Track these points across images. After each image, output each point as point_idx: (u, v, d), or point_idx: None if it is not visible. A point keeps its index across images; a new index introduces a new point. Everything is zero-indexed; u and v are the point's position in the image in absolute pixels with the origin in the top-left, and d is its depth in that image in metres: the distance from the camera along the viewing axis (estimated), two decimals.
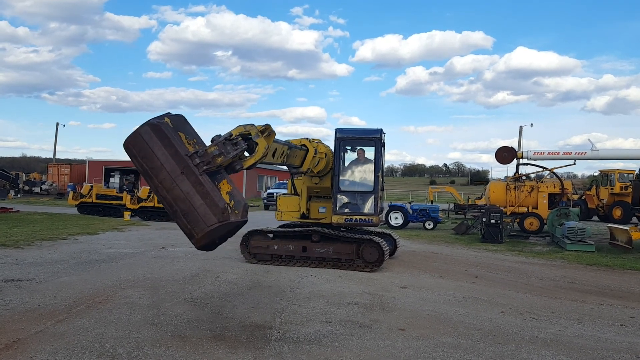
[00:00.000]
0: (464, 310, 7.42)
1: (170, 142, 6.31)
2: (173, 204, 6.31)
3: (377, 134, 10.75)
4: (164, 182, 6.31)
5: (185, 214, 6.25)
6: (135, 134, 6.38)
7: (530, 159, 22.67)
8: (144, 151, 6.36)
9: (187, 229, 6.28)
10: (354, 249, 10.57)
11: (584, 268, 12.18)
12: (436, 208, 22.82)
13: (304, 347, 5.60)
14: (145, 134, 6.33)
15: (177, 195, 6.27)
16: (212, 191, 6.24)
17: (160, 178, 6.33)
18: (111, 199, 23.90)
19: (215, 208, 6.12)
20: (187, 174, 6.27)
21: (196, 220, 6.20)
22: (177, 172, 6.30)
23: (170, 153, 6.29)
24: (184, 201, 6.22)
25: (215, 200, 6.16)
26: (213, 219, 6.10)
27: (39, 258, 10.78)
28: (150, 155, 6.34)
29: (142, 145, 6.36)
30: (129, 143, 6.43)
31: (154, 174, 6.35)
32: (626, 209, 25.94)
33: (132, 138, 6.40)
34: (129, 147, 6.45)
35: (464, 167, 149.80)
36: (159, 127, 6.33)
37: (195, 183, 6.25)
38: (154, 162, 6.32)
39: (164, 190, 6.30)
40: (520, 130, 47.63)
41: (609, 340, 6.27)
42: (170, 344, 5.53)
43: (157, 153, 6.30)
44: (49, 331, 5.83)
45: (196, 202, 6.22)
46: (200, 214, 6.16)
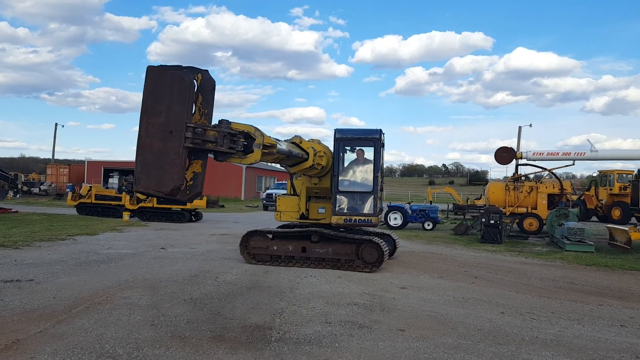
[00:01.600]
0: (463, 311, 7.42)
1: (184, 101, 6.48)
2: (144, 148, 6.51)
3: (376, 134, 10.75)
4: (152, 127, 6.53)
5: (146, 164, 6.49)
6: (166, 72, 6.46)
7: (529, 160, 22.70)
8: (160, 90, 6.52)
9: (138, 174, 6.53)
10: (353, 249, 10.56)
11: (584, 268, 12.19)
12: (435, 208, 22.81)
13: (303, 347, 5.59)
14: (173, 78, 6.48)
15: (152, 145, 6.47)
16: (180, 167, 6.47)
17: (152, 120, 6.50)
18: (110, 199, 23.87)
19: (170, 182, 6.42)
20: (174, 136, 6.46)
21: (149, 176, 6.50)
22: (168, 129, 6.45)
23: (176, 110, 6.45)
24: (153, 154, 6.45)
25: (175, 176, 6.43)
26: (163, 188, 6.44)
27: (38, 259, 10.76)
28: (161, 97, 6.49)
29: (162, 84, 6.50)
30: (154, 73, 6.49)
31: (150, 113, 6.51)
32: (625, 210, 25.97)
33: (160, 73, 6.48)
34: (152, 76, 6.50)
35: (463, 167, 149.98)
36: (186, 82, 6.48)
37: (172, 149, 6.44)
38: (158, 104, 6.50)
39: (146, 132, 6.47)
40: (519, 130, 47.69)
41: (609, 340, 6.27)
42: (170, 345, 5.52)
43: (167, 100, 6.46)
44: (48, 332, 5.82)
45: (161, 164, 6.45)
46: (156, 176, 6.46)
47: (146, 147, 6.53)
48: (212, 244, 14.48)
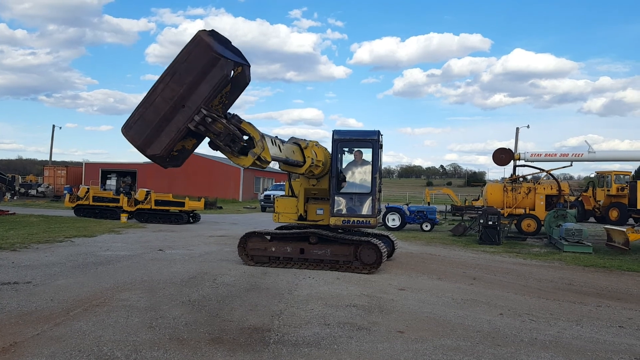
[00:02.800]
0: (462, 313, 7.41)
1: (212, 88, 6.62)
2: (151, 104, 6.61)
3: (374, 135, 10.75)
4: (169, 90, 6.65)
5: (144, 120, 6.64)
6: (210, 52, 6.44)
7: (527, 161, 22.75)
8: (197, 63, 6.56)
9: (132, 122, 6.70)
10: (351, 250, 10.55)
11: (582, 269, 12.20)
12: (433, 209, 22.82)
13: (302, 349, 5.58)
14: (214, 62, 6.49)
15: (160, 107, 6.58)
16: (173, 140, 6.65)
17: (173, 86, 6.57)
18: (108, 201, 23.81)
19: (157, 149, 6.64)
20: (184, 112, 6.57)
21: (141, 132, 6.68)
22: (182, 102, 6.51)
23: (200, 90, 6.59)
24: (156, 115, 6.58)
25: (165, 146, 6.64)
26: (148, 150, 6.71)
27: (35, 261, 10.73)
28: (193, 70, 6.52)
29: (201, 59, 6.51)
30: (201, 45, 6.46)
31: (175, 78, 6.56)
32: (623, 211, 25.99)
33: (205, 49, 6.46)
34: (198, 46, 6.48)
35: (461, 168, 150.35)
36: (223, 73, 6.57)
37: (176, 122, 6.57)
38: (187, 75, 6.57)
39: (162, 92, 6.55)
40: (517, 132, 47.68)
41: (608, 341, 6.27)
42: (168, 347, 5.50)
43: (197, 77, 6.49)
44: (46, 334, 5.80)
45: (159, 128, 6.59)
46: (148, 135, 6.65)
47: (153, 105, 6.62)
48: (210, 245, 14.46)
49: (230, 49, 6.99)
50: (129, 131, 6.73)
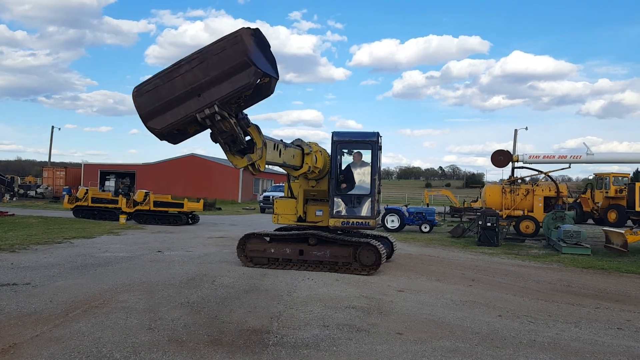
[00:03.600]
0: (461, 314, 7.42)
1: (234, 90, 6.58)
2: (170, 81, 6.63)
3: (373, 137, 10.77)
4: (191, 76, 6.58)
5: (157, 93, 6.67)
6: (244, 57, 6.36)
7: (525, 162, 22.80)
8: (228, 61, 6.50)
9: (146, 89, 6.77)
10: (351, 252, 10.56)
11: (580, 271, 12.22)
12: (432, 211, 22.83)
13: (301, 351, 5.58)
14: (244, 67, 6.44)
15: (176, 87, 6.62)
16: (177, 123, 6.76)
17: (197, 73, 6.55)
18: (107, 202, 23.79)
19: (159, 125, 6.76)
20: (197, 100, 6.61)
21: (150, 103, 6.74)
22: (199, 92, 6.57)
23: (221, 88, 6.62)
24: (169, 93, 6.62)
25: (168, 125, 6.73)
26: (150, 122, 6.76)
27: (34, 262, 10.72)
28: (222, 67, 6.48)
29: (234, 59, 6.44)
30: (239, 46, 6.40)
31: (202, 67, 6.53)
32: (621, 212, 26.03)
33: (243, 51, 6.38)
34: (236, 46, 6.41)
35: (460, 170, 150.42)
36: (250, 82, 6.50)
37: (186, 108, 6.64)
38: (214, 69, 6.51)
39: (184, 75, 6.56)
40: (515, 133, 47.70)
41: (606, 343, 6.29)
42: (167, 349, 5.51)
43: (223, 75, 6.48)
44: (45, 336, 5.80)
45: (168, 106, 6.65)
46: (155, 109, 6.72)
47: (171, 82, 6.62)
48: (209, 247, 14.46)
49: (266, 56, 6.93)
50: (139, 97, 6.71)
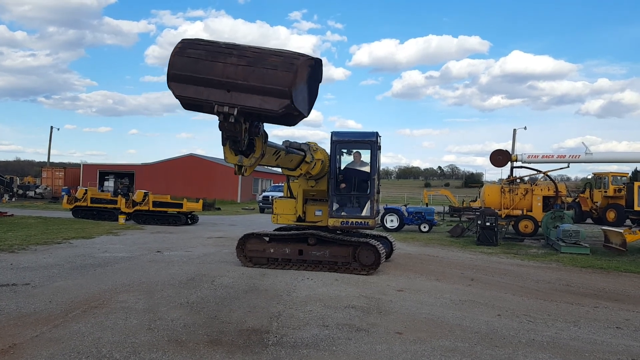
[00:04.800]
0: (460, 314, 7.43)
1: (263, 107, 6.47)
2: (212, 61, 6.56)
3: (373, 137, 10.77)
4: (233, 70, 6.48)
5: (196, 66, 6.57)
6: (287, 91, 6.34)
7: (524, 162, 22.82)
8: (271, 80, 6.40)
9: (187, 54, 6.66)
10: (350, 252, 10.56)
11: (579, 270, 12.23)
12: (431, 211, 22.84)
13: (301, 351, 5.59)
14: (283, 101, 6.40)
15: (214, 72, 6.55)
16: (194, 100, 6.71)
17: (239, 72, 6.48)
18: (106, 202, 23.77)
19: (181, 92, 6.66)
20: (224, 94, 6.54)
21: (183, 70, 6.61)
22: (230, 87, 6.54)
23: (253, 99, 6.49)
24: (206, 73, 6.54)
25: (187, 97, 6.69)
26: (175, 89, 6.64)
27: (34, 262, 10.72)
28: (262, 80, 6.41)
29: (278, 83, 6.37)
30: (293, 74, 6.35)
31: (247, 71, 6.46)
32: (620, 212, 26.06)
33: (291, 84, 6.34)
34: (289, 73, 6.38)
35: (459, 169, 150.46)
36: (280, 109, 6.46)
37: (212, 92, 6.60)
38: (256, 78, 6.42)
39: (229, 65, 6.49)
40: (514, 133, 47.77)
41: (605, 342, 6.30)
42: (167, 349, 5.51)
43: (260, 89, 6.42)
44: (45, 336, 5.80)
45: (198, 82, 6.57)
46: (185, 78, 6.63)
47: (212, 64, 6.49)
48: (208, 247, 14.46)
49: (310, 91, 6.92)
50: (179, 56, 6.53)
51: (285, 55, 6.47)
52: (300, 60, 6.38)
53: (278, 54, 6.50)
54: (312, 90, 6.99)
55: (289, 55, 6.48)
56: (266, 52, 6.53)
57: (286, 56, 6.46)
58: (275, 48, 6.69)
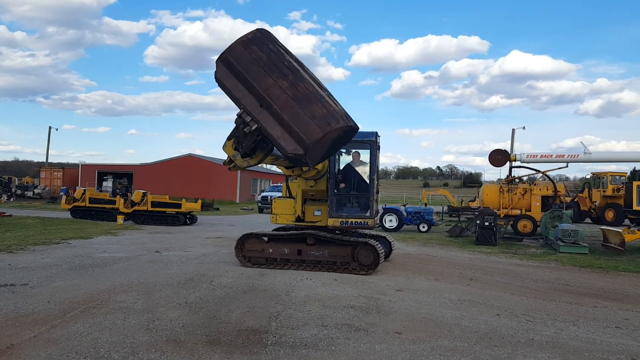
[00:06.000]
0: (459, 313, 7.43)
1: (280, 138, 6.58)
2: (266, 74, 6.66)
3: (372, 137, 10.76)
4: (278, 93, 6.56)
5: (250, 66, 6.64)
6: (308, 144, 6.51)
7: (523, 162, 22.82)
8: (301, 128, 6.47)
9: (247, 49, 6.80)
10: (349, 252, 10.55)
11: (578, 270, 12.24)
12: (430, 211, 22.85)
13: (300, 351, 5.58)
14: (299, 151, 6.56)
15: (261, 83, 6.66)
16: (230, 93, 6.84)
17: (283, 98, 6.55)
18: (104, 202, 23.74)
19: (224, 78, 6.83)
20: (256, 107, 6.68)
21: (238, 61, 6.74)
22: (265, 104, 6.63)
23: (276, 128, 6.57)
24: (253, 80, 6.68)
25: (225, 87, 6.84)
26: (221, 74, 6.83)
27: (32, 263, 10.69)
28: (296, 122, 6.48)
29: (307, 136, 6.45)
30: (325, 130, 6.47)
31: (289, 104, 6.54)
32: (618, 211, 26.07)
33: (318, 139, 6.50)
34: (322, 126, 6.47)
35: (457, 169, 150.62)
36: (290, 152, 6.61)
37: (246, 97, 6.73)
38: (293, 118, 6.51)
39: (278, 85, 6.58)
40: (513, 133, 47.84)
41: (605, 342, 6.30)
42: (165, 349, 5.50)
43: (288, 126, 6.51)
44: (43, 336, 5.78)
45: (242, 79, 6.72)
46: (234, 71, 6.80)
47: (265, 75, 6.55)
48: (207, 247, 14.44)
49: (329, 149, 7.11)
50: (241, 47, 6.57)
51: (330, 111, 6.50)
52: (338, 124, 6.44)
53: (325, 104, 6.52)
54: (332, 148, 7.11)
55: (333, 112, 6.51)
56: (317, 96, 6.53)
57: (330, 112, 6.49)
58: (328, 95, 6.68)
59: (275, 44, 6.88)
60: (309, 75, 6.89)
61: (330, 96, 6.78)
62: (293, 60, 6.86)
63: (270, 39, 6.87)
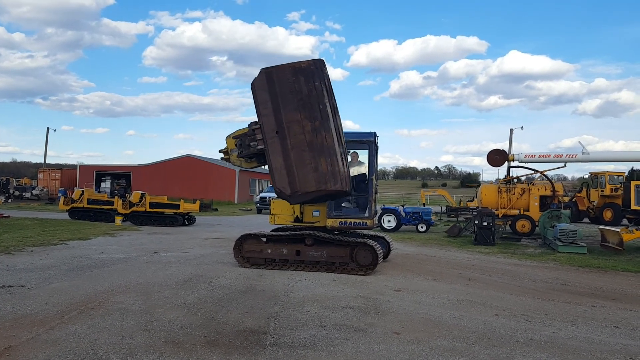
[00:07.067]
0: (458, 313, 7.43)
1: (287, 170, 7.22)
2: (295, 109, 7.21)
3: (370, 137, 10.77)
4: (295, 132, 7.10)
5: (285, 91, 7.21)
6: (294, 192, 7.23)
7: (521, 162, 22.84)
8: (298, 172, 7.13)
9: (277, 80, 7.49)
10: (347, 252, 10.55)
11: (576, 270, 12.25)
12: (429, 211, 22.87)
13: (299, 351, 5.57)
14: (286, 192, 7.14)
15: (288, 114, 7.19)
16: (257, 105, 7.31)
17: (302, 138, 7.08)
18: (102, 203, 23.73)
19: (260, 91, 7.28)
20: (272, 131, 7.19)
21: (277, 84, 7.38)
22: (280, 132, 7.14)
23: (277, 160, 7.14)
24: (282, 106, 7.20)
25: (257, 99, 7.29)
26: (260, 83, 7.32)
27: (30, 264, 10.67)
28: (296, 152, 7.03)
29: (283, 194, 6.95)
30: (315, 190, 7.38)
31: (300, 150, 7.14)
32: (617, 211, 26.13)
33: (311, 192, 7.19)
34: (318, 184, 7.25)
35: (456, 169, 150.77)
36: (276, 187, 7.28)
37: (268, 117, 7.29)
38: (302, 156, 7.14)
39: (300, 125, 7.11)
40: (511, 133, 47.88)
41: (603, 342, 6.30)
42: (164, 350, 5.49)
43: (296, 162, 7.20)
44: (41, 338, 5.77)
45: (274, 101, 7.22)
46: (269, 89, 7.34)
47: (293, 109, 7.02)
48: (205, 247, 14.43)
49: (320, 198, 7.29)
50: (290, 71, 6.99)
51: (334, 170, 6.74)
52: (334, 186, 6.74)
53: (334, 162, 6.69)
54: (317, 199, 7.32)
55: (336, 173, 6.77)
56: (330, 151, 6.75)
57: (333, 172, 6.78)
58: (342, 152, 6.77)
59: (322, 82, 6.96)
60: (336, 125, 7.00)
61: (343, 154, 6.89)
62: (329, 105, 6.96)
63: (321, 74, 6.96)
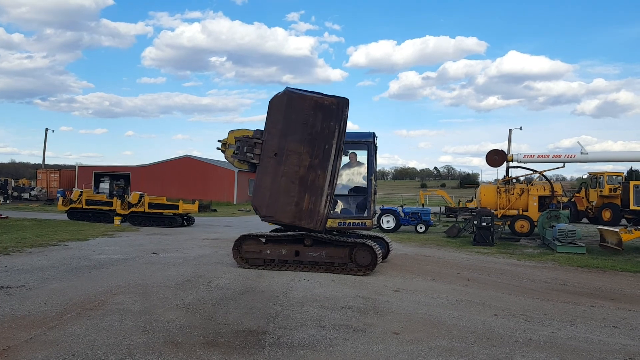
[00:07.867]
0: (457, 313, 7.43)
1: (271, 195, 7.47)
2: (301, 138, 7.75)
3: (369, 137, 10.78)
4: (292, 162, 7.60)
5: (294, 118, 7.76)
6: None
7: (520, 162, 22.87)
8: (279, 200, 7.73)
9: (291, 101, 8.09)
10: (346, 252, 10.54)
11: (575, 270, 12.26)
12: (428, 211, 22.89)
13: (298, 352, 5.57)
14: (270, 217, 8.16)
15: (295, 137, 7.77)
16: (268, 120, 8.05)
17: (296, 170, 7.61)
18: (101, 204, 23.73)
19: (278, 109, 7.75)
20: (271, 153, 7.77)
21: (289, 104, 7.94)
22: (278, 154, 7.69)
23: (264, 177, 7.41)
24: (293, 125, 7.75)
25: (269, 112, 7.96)
26: (279, 102, 7.89)
27: (28, 264, 10.65)
28: (288, 178, 7.50)
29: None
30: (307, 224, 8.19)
31: (302, 173, 7.63)
32: (615, 211, 26.14)
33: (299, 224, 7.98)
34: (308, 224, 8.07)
35: (455, 170, 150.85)
36: (261, 215, 8.32)
37: (271, 135, 7.86)
38: (288, 187, 7.61)
39: (298, 158, 7.64)
40: (510, 133, 47.89)
41: (602, 342, 6.30)
42: (163, 351, 5.48)
43: (282, 191, 8.05)
44: (39, 338, 5.76)
45: (287, 126, 7.71)
46: (284, 109, 7.82)
47: (300, 138, 7.45)
48: (204, 248, 14.42)
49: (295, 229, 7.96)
50: (313, 101, 7.34)
51: (314, 210, 7.09)
52: (307, 225, 7.04)
53: (317, 202, 7.01)
54: (290, 227, 7.69)
55: (315, 213, 7.09)
56: (318, 191, 7.15)
57: (313, 211, 7.12)
58: (329, 195, 6.93)
59: (338, 123, 7.13)
60: (334, 167, 7.12)
61: (329, 196, 7.00)
62: (335, 147, 7.10)
63: (339, 115, 7.14)
